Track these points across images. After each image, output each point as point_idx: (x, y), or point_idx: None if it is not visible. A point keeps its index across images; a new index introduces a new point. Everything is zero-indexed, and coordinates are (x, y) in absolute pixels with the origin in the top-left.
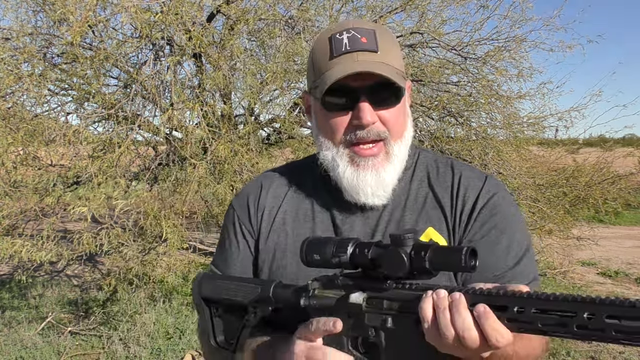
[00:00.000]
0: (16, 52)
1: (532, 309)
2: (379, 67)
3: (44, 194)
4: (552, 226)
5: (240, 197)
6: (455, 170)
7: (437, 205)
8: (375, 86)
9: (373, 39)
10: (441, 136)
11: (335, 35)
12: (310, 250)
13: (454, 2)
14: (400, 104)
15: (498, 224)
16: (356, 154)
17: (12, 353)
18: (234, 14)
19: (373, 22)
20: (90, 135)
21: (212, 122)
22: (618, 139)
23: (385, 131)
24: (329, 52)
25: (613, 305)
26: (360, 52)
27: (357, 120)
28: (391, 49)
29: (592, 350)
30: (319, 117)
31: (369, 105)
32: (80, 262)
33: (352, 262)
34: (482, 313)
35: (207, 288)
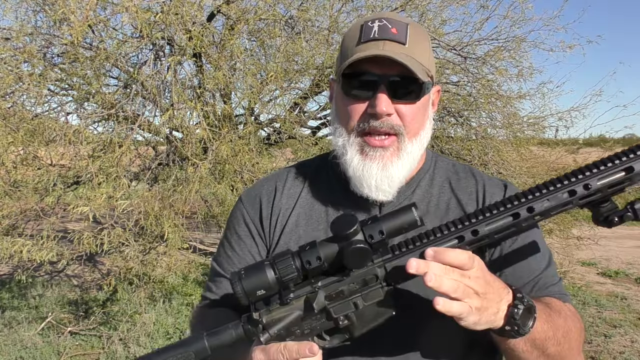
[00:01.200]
0: (16, 52)
1: None
2: (402, 58)
3: (44, 193)
4: (552, 226)
5: (253, 196)
6: (477, 177)
7: (462, 211)
8: (397, 77)
9: (404, 31)
10: (441, 136)
11: (367, 23)
12: (249, 287)
13: (454, 2)
14: (421, 102)
15: (525, 233)
16: (366, 143)
17: (12, 353)
18: (234, 14)
19: (410, 19)
20: (90, 135)
21: (212, 122)
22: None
23: (400, 125)
24: (357, 38)
25: None
26: (388, 41)
27: (372, 109)
28: (421, 46)
29: (592, 351)
30: (338, 103)
31: (386, 95)
32: (80, 262)
33: (305, 276)
34: (433, 254)
35: None
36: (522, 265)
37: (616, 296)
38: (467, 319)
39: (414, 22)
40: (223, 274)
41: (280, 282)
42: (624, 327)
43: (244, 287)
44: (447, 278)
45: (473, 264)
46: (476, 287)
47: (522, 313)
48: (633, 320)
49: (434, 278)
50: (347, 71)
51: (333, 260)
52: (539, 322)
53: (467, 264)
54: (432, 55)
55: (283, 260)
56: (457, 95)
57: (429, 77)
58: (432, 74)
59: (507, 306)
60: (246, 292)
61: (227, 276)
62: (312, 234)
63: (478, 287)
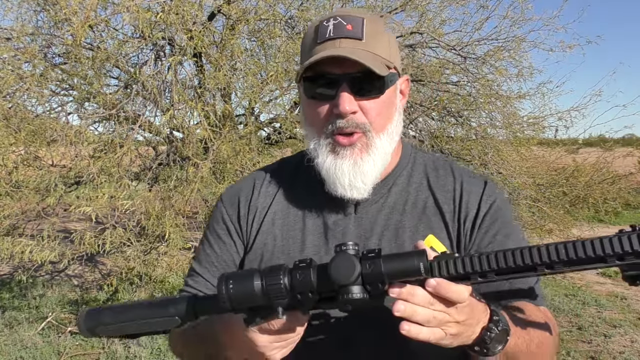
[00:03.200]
0: (17, 52)
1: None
2: (359, 54)
3: (45, 194)
4: (552, 226)
5: (231, 195)
6: (455, 174)
7: (438, 211)
8: (357, 75)
9: (360, 27)
10: (441, 136)
11: (322, 23)
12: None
13: (454, 2)
14: (385, 96)
15: (501, 229)
16: (337, 142)
17: (13, 353)
18: (235, 14)
19: (366, 11)
20: (91, 136)
21: (213, 122)
22: (618, 139)
23: (366, 123)
24: (314, 39)
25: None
26: (344, 39)
27: (336, 109)
28: (380, 38)
29: (592, 351)
30: (304, 107)
31: (348, 94)
32: (81, 262)
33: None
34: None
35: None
36: None
37: (616, 296)
38: (440, 342)
39: (371, 16)
40: (200, 271)
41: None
42: (623, 327)
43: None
44: (422, 310)
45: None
46: (459, 317)
47: (494, 337)
48: (633, 320)
49: (403, 308)
50: (308, 74)
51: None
52: (512, 338)
53: (465, 300)
54: (394, 47)
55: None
56: (457, 95)
57: (392, 68)
58: (395, 65)
59: (480, 329)
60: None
61: (203, 275)
62: (289, 233)
63: (461, 316)
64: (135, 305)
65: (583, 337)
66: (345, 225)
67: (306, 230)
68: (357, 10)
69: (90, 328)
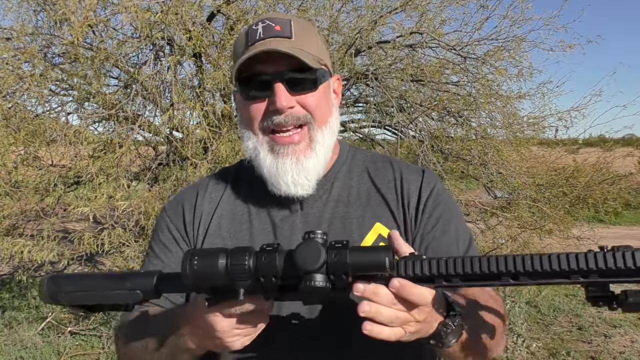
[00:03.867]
0: (17, 52)
1: None
2: (289, 49)
3: (44, 194)
4: (552, 226)
5: (175, 204)
6: (394, 166)
7: (382, 200)
8: (290, 71)
9: (288, 27)
10: (441, 136)
11: (252, 27)
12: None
13: (454, 2)
14: (321, 90)
15: (443, 214)
16: (275, 142)
17: (12, 353)
18: (234, 14)
19: (293, 14)
20: (90, 136)
21: (212, 122)
22: (618, 139)
23: (306, 114)
24: (245, 43)
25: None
26: (274, 38)
27: (273, 106)
28: (308, 37)
29: (592, 351)
30: (240, 109)
31: (284, 88)
32: (80, 262)
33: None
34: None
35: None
36: (442, 247)
37: None
38: (400, 339)
39: (298, 18)
40: None
41: (229, 277)
42: (624, 327)
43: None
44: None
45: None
46: (419, 317)
47: (450, 332)
48: (633, 320)
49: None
50: (242, 75)
51: (286, 278)
52: (465, 332)
53: (427, 303)
54: (324, 46)
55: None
56: (457, 95)
57: (323, 65)
58: (325, 63)
59: (437, 324)
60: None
61: None
62: (237, 235)
63: (421, 316)
64: (99, 276)
65: (583, 337)
66: (292, 221)
67: (254, 230)
68: (285, 15)
69: (52, 294)
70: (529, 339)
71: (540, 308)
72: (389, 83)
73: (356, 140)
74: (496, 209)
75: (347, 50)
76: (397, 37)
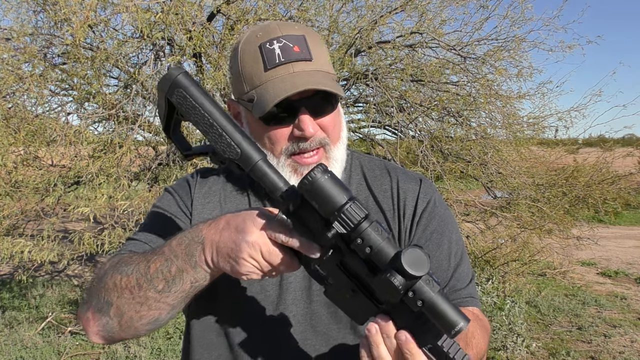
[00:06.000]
0: (17, 53)
1: None
2: (318, 79)
3: (44, 194)
4: (551, 226)
5: (182, 185)
6: (391, 174)
7: (379, 209)
8: (314, 96)
9: (305, 47)
10: (441, 136)
11: (265, 45)
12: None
13: (454, 2)
14: (336, 109)
15: (437, 227)
16: (298, 163)
17: (13, 353)
18: (234, 14)
19: (299, 25)
20: (90, 136)
21: None
22: (618, 139)
23: (325, 137)
24: (261, 63)
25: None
26: (295, 62)
27: (301, 132)
28: (322, 53)
29: (592, 351)
30: (254, 129)
31: (309, 117)
32: (80, 262)
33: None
34: (404, 342)
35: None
36: (434, 262)
37: (616, 296)
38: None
39: (307, 29)
40: (138, 237)
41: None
42: (623, 327)
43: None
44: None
45: None
46: None
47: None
48: (633, 320)
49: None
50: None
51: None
52: None
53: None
54: (328, 54)
55: (357, 204)
56: (456, 95)
57: (337, 80)
58: (335, 76)
59: None
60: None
61: (141, 239)
62: None
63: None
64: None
65: (583, 337)
66: None
67: None
68: (292, 27)
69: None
70: (528, 338)
71: (540, 308)
72: (389, 83)
73: (356, 141)
74: (496, 209)
75: (347, 50)
76: (397, 37)
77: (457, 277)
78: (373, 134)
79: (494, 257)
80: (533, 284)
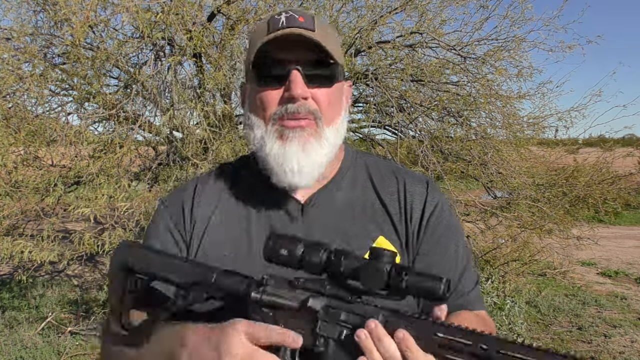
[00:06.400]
0: (17, 52)
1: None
2: (313, 36)
3: (44, 194)
4: (552, 226)
5: (174, 201)
6: (398, 176)
7: (386, 213)
8: (310, 62)
9: (311, 21)
10: (441, 136)
11: (274, 17)
12: (277, 245)
13: (454, 2)
14: (335, 88)
15: (445, 232)
16: (284, 127)
17: (12, 353)
18: (235, 14)
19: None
20: (91, 136)
21: (212, 122)
22: (618, 139)
23: (317, 110)
24: (265, 31)
25: (501, 341)
26: (297, 28)
27: (288, 93)
28: (330, 35)
29: (592, 351)
30: (251, 97)
31: (300, 77)
32: (80, 262)
33: (323, 268)
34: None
35: (135, 257)
36: (441, 266)
37: (616, 296)
38: None
39: (320, 17)
40: None
41: (300, 259)
42: (623, 327)
43: (274, 241)
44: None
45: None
46: None
47: None
48: (633, 320)
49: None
50: (259, 61)
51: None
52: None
53: None
54: (338, 44)
55: (315, 245)
56: (457, 95)
57: (341, 65)
58: (342, 64)
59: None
60: (273, 245)
61: None
62: (235, 243)
63: None
64: (171, 255)
65: (583, 337)
66: (293, 230)
67: (252, 237)
68: (306, 10)
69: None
70: (529, 339)
71: (540, 308)
72: (389, 83)
73: (356, 141)
74: (496, 209)
75: (347, 50)
76: (397, 37)
77: (464, 282)
78: (373, 134)
79: (494, 257)
80: (533, 284)
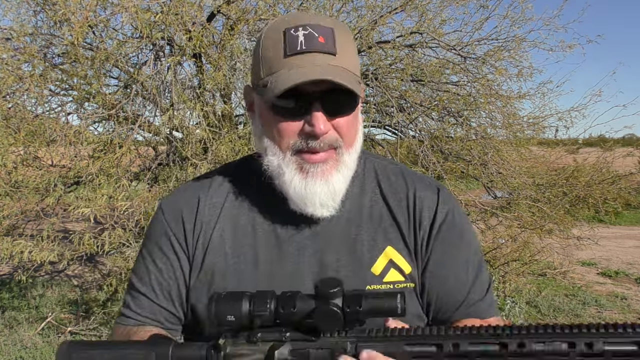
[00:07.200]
0: (17, 52)
1: None
2: (338, 73)
3: (44, 194)
4: (552, 226)
5: (173, 208)
6: (408, 182)
7: (394, 222)
8: (331, 92)
9: (331, 39)
10: (441, 136)
11: (290, 31)
12: (221, 311)
13: (454, 2)
14: (355, 112)
15: (456, 240)
16: (305, 160)
17: (12, 353)
18: (234, 14)
19: (331, 18)
20: (90, 136)
21: (212, 122)
22: (618, 139)
23: (338, 139)
24: (282, 49)
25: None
26: (317, 53)
27: (310, 129)
28: (349, 51)
29: None
30: (264, 119)
31: (322, 113)
32: (80, 262)
33: (276, 319)
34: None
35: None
36: (452, 275)
37: (616, 296)
38: None
39: (338, 23)
40: (143, 290)
41: (251, 315)
42: None
43: (217, 308)
44: None
45: None
46: None
47: None
48: (633, 321)
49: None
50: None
51: (306, 316)
52: None
53: None
54: (357, 55)
55: (261, 297)
56: (457, 95)
57: (361, 82)
58: (359, 78)
59: None
60: (217, 313)
61: (147, 295)
62: (240, 250)
63: None
64: (117, 344)
65: None
66: (300, 240)
67: (258, 245)
68: (324, 19)
69: None
70: None
71: (540, 308)
72: (389, 83)
73: None
74: (496, 209)
75: None
76: (397, 37)
77: (475, 290)
78: (373, 134)
79: (494, 257)
80: (533, 284)
